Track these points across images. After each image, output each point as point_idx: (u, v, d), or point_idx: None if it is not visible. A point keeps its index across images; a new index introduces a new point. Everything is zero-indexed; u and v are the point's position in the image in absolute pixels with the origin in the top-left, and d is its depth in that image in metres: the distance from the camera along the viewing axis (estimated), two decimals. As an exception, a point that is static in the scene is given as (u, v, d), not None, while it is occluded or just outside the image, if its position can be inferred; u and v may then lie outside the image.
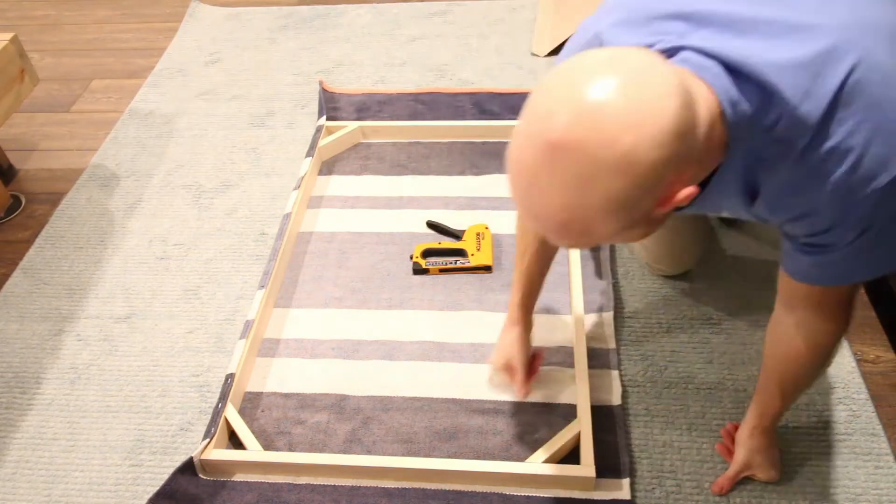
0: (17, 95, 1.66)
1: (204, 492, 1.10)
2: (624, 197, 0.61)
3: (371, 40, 2.14)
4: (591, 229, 0.64)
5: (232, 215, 1.60)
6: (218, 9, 2.37)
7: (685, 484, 1.09)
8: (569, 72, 0.63)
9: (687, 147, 0.62)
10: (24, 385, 1.31)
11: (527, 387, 1.14)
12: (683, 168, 0.63)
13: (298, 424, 1.19)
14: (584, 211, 0.62)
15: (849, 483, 1.07)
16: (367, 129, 1.73)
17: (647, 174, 0.60)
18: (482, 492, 1.08)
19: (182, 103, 1.96)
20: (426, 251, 1.43)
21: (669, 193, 0.63)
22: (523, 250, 1.10)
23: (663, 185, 0.62)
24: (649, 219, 0.66)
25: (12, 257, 1.56)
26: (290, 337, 1.32)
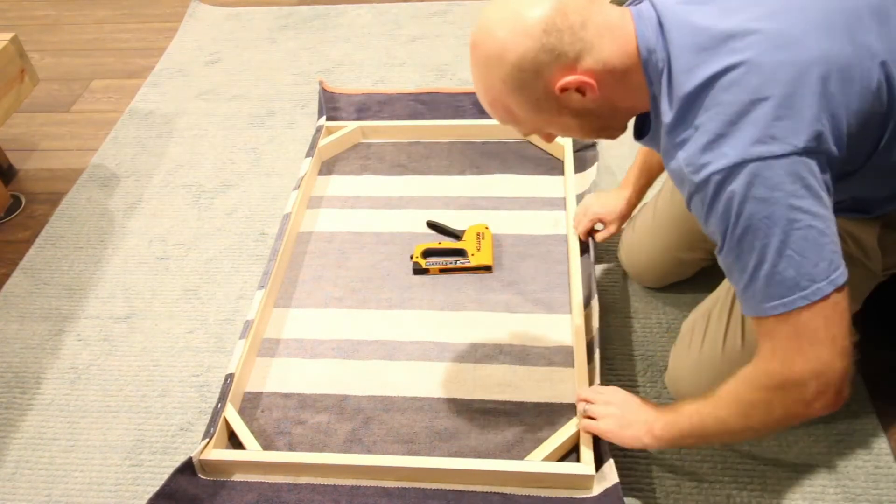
0: (17, 95, 1.66)
1: (204, 492, 1.10)
2: (511, 78, 0.82)
3: (371, 40, 2.15)
4: (510, 108, 0.86)
5: (232, 215, 1.60)
6: (218, 9, 2.37)
7: (685, 484, 1.09)
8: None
9: (562, 44, 0.79)
10: (24, 385, 1.31)
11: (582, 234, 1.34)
12: (567, 62, 0.80)
13: (298, 424, 1.19)
14: (493, 91, 0.85)
15: (849, 483, 1.07)
16: (367, 129, 1.73)
17: (521, 59, 0.80)
18: (482, 491, 1.08)
19: (182, 103, 1.96)
20: (426, 251, 1.43)
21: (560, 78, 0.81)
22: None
23: (548, 72, 0.81)
24: (562, 105, 0.83)
25: (12, 257, 1.56)
26: (290, 337, 1.32)
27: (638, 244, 1.33)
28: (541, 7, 0.80)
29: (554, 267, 1.40)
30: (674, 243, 1.27)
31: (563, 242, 1.44)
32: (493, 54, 0.81)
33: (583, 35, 0.79)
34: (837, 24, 0.77)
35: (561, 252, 1.42)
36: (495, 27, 0.81)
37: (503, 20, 0.81)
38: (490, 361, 1.25)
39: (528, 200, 1.54)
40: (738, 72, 0.75)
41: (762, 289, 0.77)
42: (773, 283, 0.76)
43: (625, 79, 0.82)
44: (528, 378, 1.22)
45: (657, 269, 1.32)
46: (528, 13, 0.80)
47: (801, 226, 0.74)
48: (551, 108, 0.84)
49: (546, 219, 1.50)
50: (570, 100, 0.83)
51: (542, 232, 1.47)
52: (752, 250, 0.76)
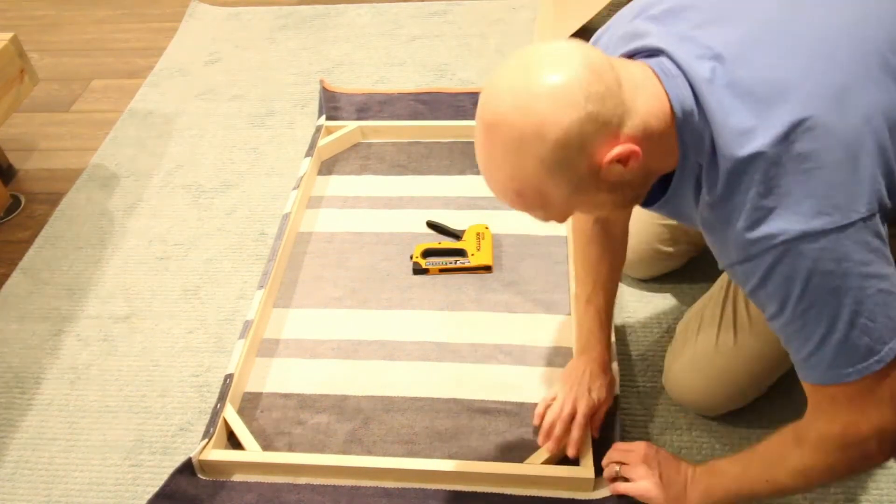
0: (16, 95, 1.66)
1: (203, 492, 1.10)
2: (553, 157, 0.70)
3: (371, 40, 2.14)
4: (545, 193, 0.73)
5: (232, 215, 1.60)
6: (218, 9, 2.37)
7: (685, 484, 1.08)
8: (507, 62, 0.73)
9: (606, 109, 0.69)
10: (24, 385, 1.31)
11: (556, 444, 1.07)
12: (612, 131, 0.70)
13: (298, 425, 1.19)
14: (526, 176, 0.72)
15: (849, 483, 1.07)
16: (367, 129, 1.73)
17: (566, 134, 0.69)
18: (483, 492, 1.08)
19: (182, 103, 1.96)
20: (426, 251, 1.43)
21: (604, 153, 0.70)
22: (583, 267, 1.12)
23: (593, 145, 0.70)
24: (601, 179, 0.72)
25: (12, 257, 1.56)
26: (290, 337, 1.32)
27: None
28: (571, 69, 0.69)
29: (554, 267, 1.40)
30: (654, 237, 1.26)
31: (563, 243, 1.44)
32: (529, 132, 0.69)
33: (621, 96, 0.70)
34: (873, 65, 0.72)
35: (561, 252, 1.42)
36: (530, 100, 0.69)
37: (539, 90, 0.68)
38: (490, 361, 1.25)
39: (528, 200, 1.54)
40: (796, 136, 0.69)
41: (831, 358, 0.73)
42: (844, 352, 0.72)
43: (661, 142, 0.74)
44: (528, 378, 1.22)
45: (643, 262, 1.31)
46: (561, 79, 0.68)
47: (872, 292, 0.70)
48: (590, 186, 0.73)
49: (546, 219, 1.50)
50: (611, 173, 0.72)
51: (542, 232, 1.47)
52: (819, 321, 0.72)
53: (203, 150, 1.80)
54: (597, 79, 0.69)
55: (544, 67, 0.69)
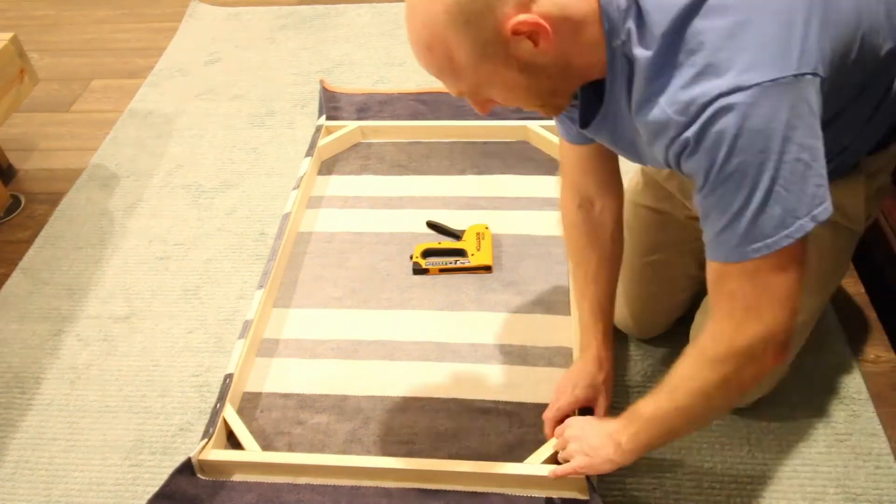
0: (16, 95, 1.66)
1: (203, 492, 1.10)
2: (459, 7, 0.69)
3: (371, 40, 2.14)
4: (451, 51, 0.72)
5: (232, 215, 1.60)
6: (218, 9, 2.37)
7: (685, 484, 1.09)
8: None
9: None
10: (24, 385, 1.31)
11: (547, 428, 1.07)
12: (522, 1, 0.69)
13: (298, 425, 1.19)
14: (435, 27, 0.72)
15: (849, 483, 1.07)
16: (367, 129, 1.73)
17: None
18: (484, 492, 1.08)
19: (182, 103, 1.96)
20: (426, 251, 1.43)
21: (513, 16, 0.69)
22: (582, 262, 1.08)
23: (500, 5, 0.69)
24: (510, 53, 0.72)
25: (12, 257, 1.56)
26: (290, 337, 1.32)
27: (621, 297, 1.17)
28: None
29: (554, 267, 1.40)
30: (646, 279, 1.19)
31: (563, 243, 1.44)
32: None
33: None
34: None
35: (561, 252, 1.42)
36: None
37: None
38: (490, 362, 1.25)
39: (528, 200, 1.54)
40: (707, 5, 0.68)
41: (744, 230, 0.71)
42: (758, 223, 0.70)
43: (581, 30, 0.72)
44: (527, 378, 1.22)
45: (644, 313, 1.22)
46: None
47: (790, 158, 0.68)
48: (498, 54, 0.72)
49: (546, 219, 1.50)
50: (521, 48, 0.71)
51: (542, 232, 1.47)
52: (739, 188, 0.70)
53: (203, 150, 1.80)
54: None
55: None
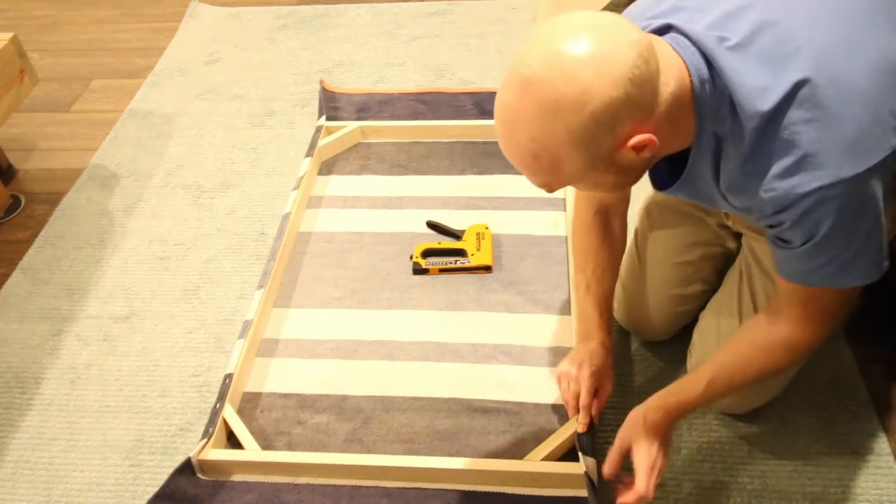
0: (16, 95, 1.66)
1: (203, 492, 1.10)
2: (583, 130, 0.69)
3: (371, 40, 2.14)
4: (560, 163, 0.72)
5: (232, 215, 1.60)
6: (218, 9, 2.37)
7: (685, 484, 1.09)
8: (548, 25, 0.72)
9: (643, 95, 0.70)
10: (24, 385, 1.31)
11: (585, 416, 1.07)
12: (642, 116, 0.71)
13: (298, 425, 1.19)
14: (550, 141, 0.71)
15: (849, 483, 1.07)
16: (367, 129, 1.73)
17: (603, 110, 0.68)
18: (484, 491, 1.08)
19: (182, 103, 1.96)
20: (426, 251, 1.43)
21: (629, 137, 0.71)
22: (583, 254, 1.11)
23: (621, 127, 0.70)
24: (614, 162, 0.73)
25: (12, 257, 1.56)
26: (290, 337, 1.32)
27: (635, 297, 1.22)
28: (621, 45, 0.69)
29: (554, 267, 1.40)
30: (668, 283, 1.19)
31: (563, 243, 1.44)
32: (568, 99, 0.68)
33: (657, 83, 0.71)
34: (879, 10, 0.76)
35: (561, 253, 1.42)
36: (575, 66, 0.67)
37: (587, 59, 0.67)
38: (490, 361, 1.25)
39: (528, 200, 1.54)
40: (807, 89, 0.71)
41: (830, 275, 0.81)
42: (843, 272, 0.81)
43: (677, 124, 0.75)
44: (527, 378, 1.22)
45: (662, 316, 1.21)
46: (610, 53, 0.68)
47: (875, 232, 0.78)
48: (604, 165, 0.74)
49: (546, 219, 1.50)
50: (625, 157, 0.73)
51: (542, 232, 1.47)
52: (831, 250, 0.79)
53: (203, 150, 1.80)
54: (643, 62, 0.69)
55: (595, 37, 0.69)
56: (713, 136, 0.77)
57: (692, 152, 0.80)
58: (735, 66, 0.73)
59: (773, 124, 0.73)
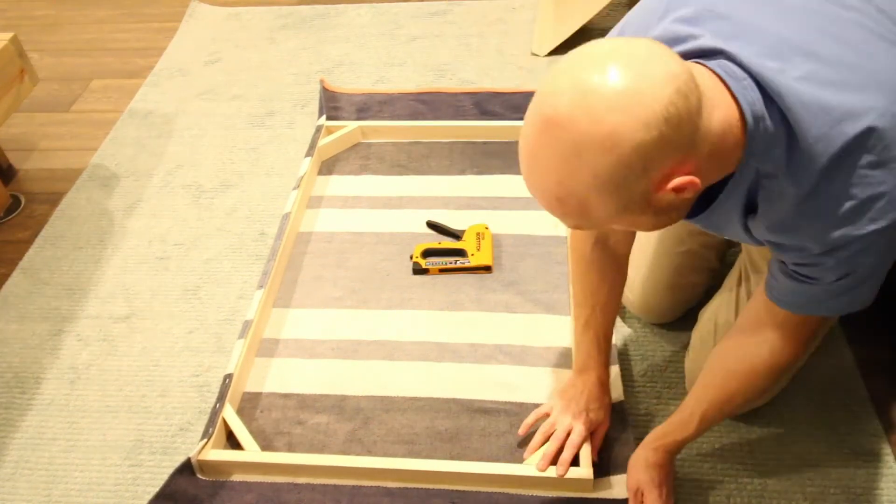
0: (16, 95, 1.66)
1: (203, 492, 1.10)
2: (611, 174, 0.64)
3: (371, 40, 2.14)
4: (587, 206, 0.67)
5: (232, 215, 1.60)
6: (218, 9, 2.37)
7: (685, 484, 1.09)
8: (577, 56, 0.66)
9: (681, 135, 0.63)
10: (23, 385, 1.31)
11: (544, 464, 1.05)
12: (680, 157, 0.65)
13: (298, 425, 1.19)
14: (575, 186, 0.65)
15: (849, 483, 1.07)
16: (367, 129, 1.73)
17: (633, 153, 0.63)
18: (483, 492, 1.08)
19: (182, 103, 1.96)
20: (426, 251, 1.43)
21: (666, 179, 0.65)
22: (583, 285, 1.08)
23: (656, 169, 0.64)
24: (650, 204, 0.67)
25: (12, 257, 1.56)
26: (290, 337, 1.32)
27: (639, 283, 1.23)
28: (656, 81, 0.62)
29: (554, 268, 1.40)
30: (673, 270, 1.20)
31: (563, 243, 1.44)
32: (593, 142, 0.62)
33: (698, 120, 0.64)
34: None
35: (561, 253, 1.42)
36: (603, 106, 0.62)
37: (615, 98, 0.62)
38: (490, 362, 1.25)
39: (528, 200, 1.54)
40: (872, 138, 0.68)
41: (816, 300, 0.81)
42: (832, 300, 0.80)
43: (724, 157, 0.69)
44: (528, 378, 1.22)
45: (666, 301, 1.23)
46: (642, 91, 0.62)
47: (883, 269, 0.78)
48: (638, 208, 0.68)
49: (546, 219, 1.50)
50: (663, 199, 0.67)
51: (542, 232, 1.47)
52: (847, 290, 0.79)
53: (203, 150, 1.80)
54: (681, 99, 0.63)
55: (626, 71, 0.62)
56: (755, 171, 0.72)
57: (729, 185, 0.74)
58: (801, 98, 0.67)
59: (843, 165, 0.68)
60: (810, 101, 0.67)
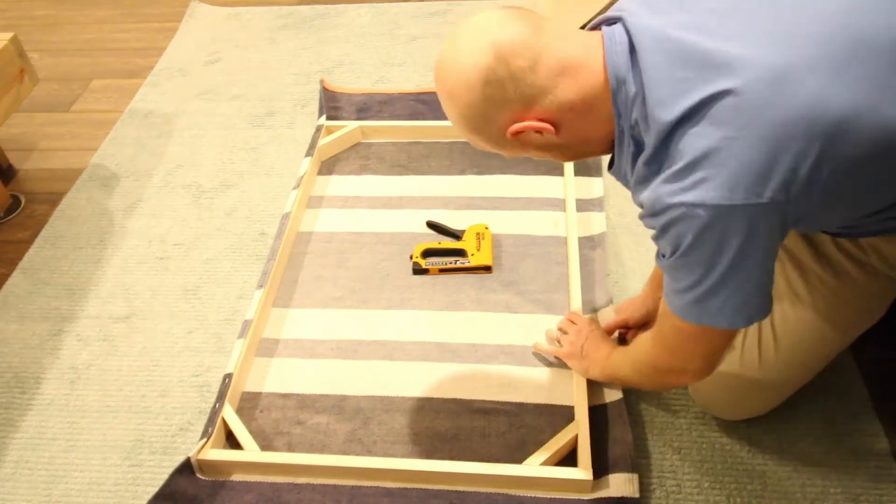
0: (16, 95, 1.66)
1: (203, 492, 1.10)
2: (465, 120, 0.83)
3: (371, 40, 2.14)
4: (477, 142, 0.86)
5: (232, 215, 1.60)
6: (218, 9, 2.37)
7: (685, 484, 1.09)
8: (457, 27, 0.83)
9: (504, 93, 0.78)
10: (24, 385, 1.31)
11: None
12: (517, 108, 0.79)
13: (298, 425, 1.19)
14: (457, 124, 0.85)
15: (849, 483, 1.07)
16: (367, 128, 1.73)
17: (467, 108, 0.81)
18: (483, 492, 1.08)
19: (182, 103, 1.96)
20: (426, 251, 1.43)
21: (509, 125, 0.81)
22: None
23: (495, 118, 0.81)
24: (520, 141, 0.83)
25: (12, 257, 1.56)
26: (290, 337, 1.32)
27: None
28: (481, 55, 0.78)
29: (554, 268, 1.40)
30: None
31: (562, 244, 1.44)
32: (445, 97, 0.83)
33: (532, 80, 0.78)
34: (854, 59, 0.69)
35: (561, 253, 1.42)
36: (444, 73, 0.81)
37: (450, 67, 0.81)
38: (490, 362, 1.25)
39: (528, 200, 1.54)
40: (717, 108, 0.70)
41: (688, 304, 0.82)
42: (699, 305, 0.80)
43: (591, 112, 0.80)
44: (528, 379, 1.22)
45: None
46: (468, 64, 0.78)
47: (740, 271, 0.76)
48: (514, 145, 0.84)
49: (546, 219, 1.50)
50: (531, 139, 0.82)
51: (542, 232, 1.47)
52: (690, 275, 0.79)
53: (203, 150, 1.80)
54: (501, 65, 0.77)
55: (457, 44, 0.80)
56: (632, 140, 0.80)
57: (616, 150, 0.83)
58: (656, 69, 0.73)
59: (673, 135, 0.73)
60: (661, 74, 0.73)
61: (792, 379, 1.06)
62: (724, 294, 0.78)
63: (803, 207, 0.73)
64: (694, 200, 0.72)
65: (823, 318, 0.98)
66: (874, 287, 0.95)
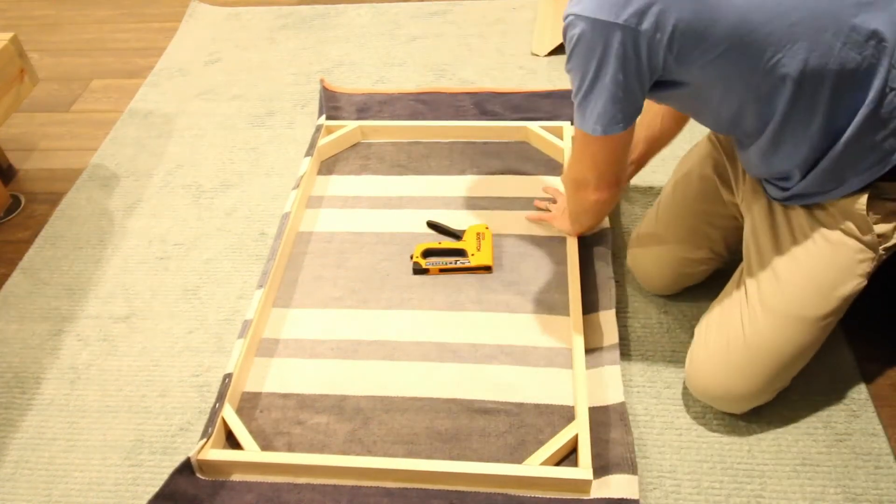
0: (16, 95, 1.66)
1: (203, 492, 1.10)
2: None
3: (371, 40, 2.15)
4: None
5: (232, 215, 1.60)
6: (218, 9, 2.37)
7: (685, 484, 1.09)
8: None
9: None
10: (24, 385, 1.31)
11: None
12: None
13: (298, 425, 1.19)
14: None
15: (849, 483, 1.07)
16: (367, 128, 1.73)
17: None
18: (483, 492, 1.08)
19: (182, 103, 1.96)
20: (426, 251, 1.43)
21: None
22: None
23: None
24: None
25: (12, 257, 1.56)
26: (290, 337, 1.32)
27: (644, 248, 1.32)
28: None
29: (554, 267, 1.40)
30: (680, 241, 1.26)
31: (563, 243, 1.44)
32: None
33: None
34: None
35: (561, 252, 1.42)
36: None
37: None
38: (490, 362, 1.25)
39: (528, 200, 1.54)
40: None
41: (576, 109, 1.00)
42: (578, 111, 0.99)
43: None
44: (528, 379, 1.22)
45: (667, 271, 1.30)
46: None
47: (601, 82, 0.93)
48: None
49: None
50: None
51: (542, 232, 1.47)
52: (573, 82, 0.98)
53: (203, 150, 1.80)
54: None
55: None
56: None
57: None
58: None
59: None
60: None
61: (790, 356, 1.06)
62: (590, 102, 0.96)
63: (656, 54, 0.89)
64: (578, 12, 0.90)
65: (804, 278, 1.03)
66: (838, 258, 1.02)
